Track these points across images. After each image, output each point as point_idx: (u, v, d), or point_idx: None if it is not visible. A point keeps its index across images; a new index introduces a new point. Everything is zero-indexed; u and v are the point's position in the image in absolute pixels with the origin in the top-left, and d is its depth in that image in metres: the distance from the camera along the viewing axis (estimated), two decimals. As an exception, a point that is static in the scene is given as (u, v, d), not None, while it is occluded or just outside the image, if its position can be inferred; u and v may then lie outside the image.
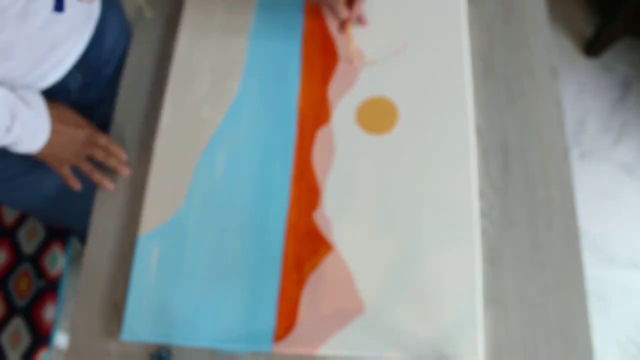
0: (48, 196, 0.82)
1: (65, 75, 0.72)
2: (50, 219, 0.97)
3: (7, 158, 0.71)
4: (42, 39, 0.64)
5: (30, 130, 0.64)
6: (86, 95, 0.79)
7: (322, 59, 0.76)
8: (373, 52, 0.76)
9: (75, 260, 1.11)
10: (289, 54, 0.77)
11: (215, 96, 0.75)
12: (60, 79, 0.71)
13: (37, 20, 0.62)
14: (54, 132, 0.68)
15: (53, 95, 0.70)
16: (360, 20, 0.76)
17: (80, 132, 0.71)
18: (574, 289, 0.63)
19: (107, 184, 0.71)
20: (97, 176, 0.71)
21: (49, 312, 0.93)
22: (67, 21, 0.67)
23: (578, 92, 1.57)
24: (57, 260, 0.97)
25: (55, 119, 0.68)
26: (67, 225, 0.98)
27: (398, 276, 0.63)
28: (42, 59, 0.66)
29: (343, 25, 0.73)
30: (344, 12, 0.71)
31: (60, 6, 0.62)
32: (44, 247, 0.99)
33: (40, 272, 0.96)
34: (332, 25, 0.78)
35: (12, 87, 0.65)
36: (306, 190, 0.68)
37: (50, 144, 0.68)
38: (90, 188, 0.73)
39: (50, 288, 0.95)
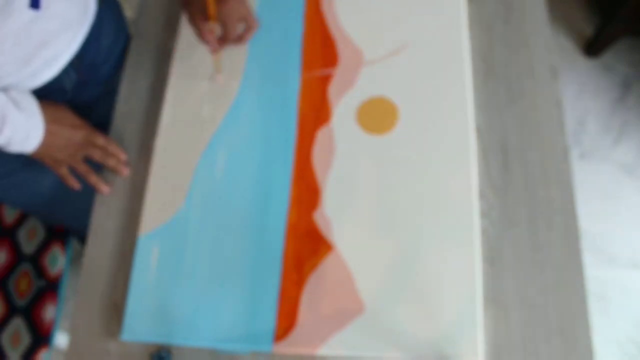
0: (45, 195, 0.82)
1: (60, 73, 0.72)
2: (49, 218, 0.97)
3: (2, 156, 0.71)
4: (29, 36, 0.63)
5: (21, 132, 0.64)
6: (82, 94, 0.79)
7: (322, 59, 0.76)
8: (373, 52, 0.76)
9: (75, 260, 1.11)
10: (289, 54, 0.77)
11: (215, 96, 0.75)
12: (54, 77, 0.71)
13: (22, 17, 0.61)
14: (49, 133, 0.67)
15: (48, 93, 0.70)
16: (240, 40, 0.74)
17: (76, 133, 0.70)
18: (574, 289, 0.63)
19: (103, 188, 0.71)
20: (93, 178, 0.71)
21: (49, 312, 0.93)
22: (57, 18, 0.66)
23: (578, 92, 1.57)
24: (57, 260, 0.97)
25: (49, 120, 0.67)
26: (67, 224, 0.98)
27: (398, 276, 0.63)
28: (32, 56, 0.65)
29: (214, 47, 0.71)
30: (213, 44, 0.70)
31: (36, 3, 0.61)
32: (44, 247, 0.99)
33: (40, 272, 0.96)
34: (333, 25, 0.78)
35: (4, 88, 0.65)
36: (306, 190, 0.68)
37: (44, 144, 0.67)
38: (89, 188, 0.73)
39: (50, 288, 0.95)
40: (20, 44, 0.63)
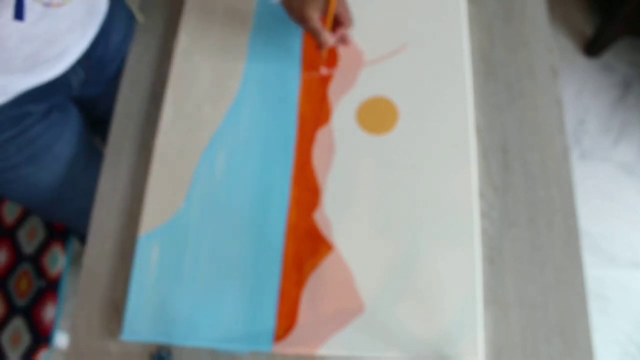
0: (46, 191, 0.82)
1: (67, 70, 0.71)
2: (50, 215, 0.96)
3: (3, 150, 0.70)
4: (35, 34, 0.63)
5: None
6: (88, 90, 0.79)
7: (322, 59, 0.76)
8: (373, 52, 0.76)
9: (75, 260, 1.11)
10: (289, 54, 0.77)
11: (215, 96, 0.75)
12: (61, 73, 0.71)
13: (32, 15, 0.61)
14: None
15: (54, 89, 0.70)
16: (344, 42, 0.72)
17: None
18: (574, 289, 0.63)
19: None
20: None
21: (49, 312, 0.93)
22: (65, 17, 0.66)
23: (578, 92, 1.57)
24: (57, 260, 0.97)
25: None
26: (67, 223, 0.98)
27: (398, 276, 0.63)
28: (38, 54, 0.65)
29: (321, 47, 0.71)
30: (329, 40, 0.69)
31: (20, 14, 0.60)
32: (44, 247, 0.99)
33: (40, 272, 0.97)
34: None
35: (10, 82, 0.64)
36: (306, 190, 0.68)
37: None
38: (89, 186, 0.73)
39: (50, 288, 0.95)
40: (25, 42, 0.63)
